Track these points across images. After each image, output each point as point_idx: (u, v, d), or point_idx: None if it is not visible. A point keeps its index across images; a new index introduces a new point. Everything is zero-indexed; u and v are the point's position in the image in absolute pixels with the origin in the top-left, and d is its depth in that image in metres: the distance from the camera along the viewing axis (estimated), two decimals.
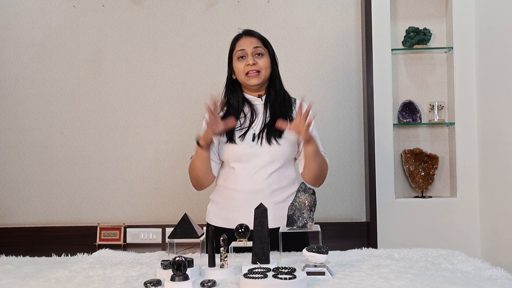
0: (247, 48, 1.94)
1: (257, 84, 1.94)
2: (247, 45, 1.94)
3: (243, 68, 1.93)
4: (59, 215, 3.07)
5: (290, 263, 1.55)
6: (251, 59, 1.92)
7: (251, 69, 1.92)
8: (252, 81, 1.93)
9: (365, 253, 1.73)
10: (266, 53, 1.96)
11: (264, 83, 1.98)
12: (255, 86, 1.95)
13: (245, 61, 1.93)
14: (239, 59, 1.95)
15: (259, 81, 1.94)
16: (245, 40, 1.96)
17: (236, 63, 1.96)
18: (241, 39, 1.97)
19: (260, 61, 1.93)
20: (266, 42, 1.99)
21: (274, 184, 1.91)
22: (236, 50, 1.96)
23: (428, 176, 2.89)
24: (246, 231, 1.51)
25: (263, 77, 1.94)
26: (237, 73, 1.97)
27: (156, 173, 3.05)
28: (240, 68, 1.94)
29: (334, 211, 2.99)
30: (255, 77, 1.93)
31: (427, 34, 2.88)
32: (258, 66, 1.93)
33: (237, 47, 1.97)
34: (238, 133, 1.93)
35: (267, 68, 1.96)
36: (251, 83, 1.94)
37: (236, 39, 1.99)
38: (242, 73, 1.94)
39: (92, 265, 1.62)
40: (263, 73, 1.94)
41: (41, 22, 3.10)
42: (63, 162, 3.08)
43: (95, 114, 3.08)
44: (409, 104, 2.92)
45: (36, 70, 3.10)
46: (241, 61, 1.95)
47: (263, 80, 1.96)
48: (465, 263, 1.55)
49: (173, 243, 1.56)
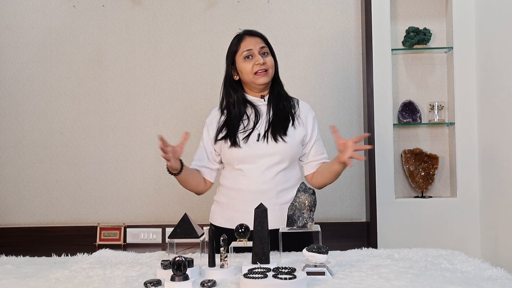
0: (253, 48, 1.94)
1: (266, 82, 1.95)
2: (253, 44, 1.94)
3: (252, 68, 1.93)
4: (59, 215, 3.07)
5: (290, 263, 1.55)
6: (260, 58, 1.92)
7: (260, 68, 1.92)
8: (261, 80, 1.93)
9: (365, 253, 1.73)
10: (269, 52, 1.98)
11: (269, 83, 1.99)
12: (263, 85, 1.95)
13: (253, 60, 1.93)
14: (246, 59, 1.94)
15: (268, 79, 1.94)
16: (250, 40, 1.95)
17: (243, 63, 1.94)
18: (246, 40, 1.96)
19: (267, 60, 1.94)
20: (268, 41, 2.00)
21: (280, 184, 1.91)
22: (242, 50, 1.94)
23: (428, 176, 2.89)
24: (246, 231, 1.51)
25: (270, 75, 1.95)
26: (244, 73, 1.95)
27: (156, 173, 3.05)
28: (248, 68, 1.93)
29: (334, 211, 2.99)
30: (264, 75, 1.93)
31: (427, 34, 2.88)
32: (266, 65, 1.93)
33: (242, 47, 1.95)
34: (242, 135, 1.93)
35: (273, 67, 1.97)
36: (260, 82, 1.93)
37: (239, 40, 1.97)
38: (251, 73, 1.93)
39: (92, 265, 1.62)
40: (270, 71, 1.95)
41: (41, 22, 3.10)
42: (63, 162, 3.08)
43: (95, 114, 3.08)
44: (409, 104, 2.92)
45: (36, 70, 3.10)
46: (249, 61, 1.94)
47: (271, 79, 1.97)
48: (465, 263, 1.55)
49: (173, 243, 1.56)
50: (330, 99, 3.01)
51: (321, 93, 3.01)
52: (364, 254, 1.71)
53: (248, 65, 1.93)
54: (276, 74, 2.01)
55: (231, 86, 2.00)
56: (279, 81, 2.02)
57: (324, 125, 2.99)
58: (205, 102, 3.01)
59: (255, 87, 1.97)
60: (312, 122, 2.01)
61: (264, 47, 1.96)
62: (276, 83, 2.01)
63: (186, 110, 3.05)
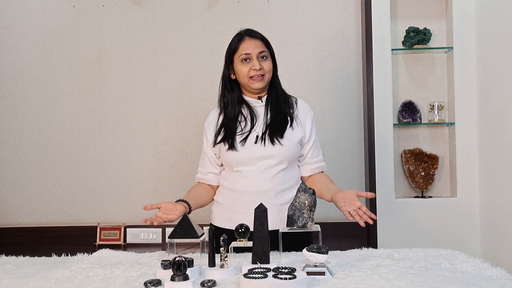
0: (252, 52, 1.91)
1: (261, 87, 1.94)
2: (252, 48, 1.91)
3: (248, 72, 1.91)
4: (59, 215, 3.07)
5: (290, 263, 1.55)
6: (257, 63, 1.90)
7: (257, 74, 1.91)
8: (257, 85, 1.92)
9: (365, 253, 1.73)
10: (269, 56, 1.96)
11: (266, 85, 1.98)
12: (259, 89, 1.95)
13: (250, 64, 1.91)
14: (243, 62, 1.92)
15: (264, 84, 1.93)
16: (250, 43, 1.92)
17: (240, 66, 1.93)
18: (245, 41, 1.93)
19: (264, 65, 1.92)
20: (268, 44, 1.98)
21: (279, 185, 1.91)
22: (240, 52, 1.92)
23: (428, 176, 2.89)
24: (246, 231, 1.51)
25: (267, 80, 1.94)
26: (240, 76, 1.94)
27: (156, 173, 3.05)
28: (244, 71, 1.92)
29: (334, 211, 2.99)
30: (260, 81, 1.92)
31: (427, 34, 2.88)
32: (263, 70, 1.92)
33: (240, 49, 1.92)
34: (239, 138, 1.93)
35: (271, 71, 1.95)
36: (255, 87, 1.93)
37: (239, 41, 1.94)
38: (246, 77, 1.92)
39: (92, 265, 1.62)
40: (267, 76, 1.94)
41: (41, 22, 3.10)
42: (63, 162, 3.08)
43: (95, 114, 3.08)
44: (409, 104, 2.92)
45: (36, 70, 3.10)
46: (245, 64, 1.92)
47: (267, 83, 1.96)
48: (465, 263, 1.55)
49: (173, 243, 1.56)
50: (330, 99, 3.01)
51: (321, 93, 3.01)
52: (364, 254, 1.71)
53: (244, 69, 1.92)
54: (275, 77, 1.99)
55: (227, 85, 1.99)
56: (278, 83, 2.00)
57: (325, 125, 3.00)
58: (205, 102, 3.01)
59: (251, 90, 1.97)
60: (310, 122, 1.99)
61: (263, 51, 1.93)
62: (274, 85, 1.99)
63: (186, 110, 3.05)
